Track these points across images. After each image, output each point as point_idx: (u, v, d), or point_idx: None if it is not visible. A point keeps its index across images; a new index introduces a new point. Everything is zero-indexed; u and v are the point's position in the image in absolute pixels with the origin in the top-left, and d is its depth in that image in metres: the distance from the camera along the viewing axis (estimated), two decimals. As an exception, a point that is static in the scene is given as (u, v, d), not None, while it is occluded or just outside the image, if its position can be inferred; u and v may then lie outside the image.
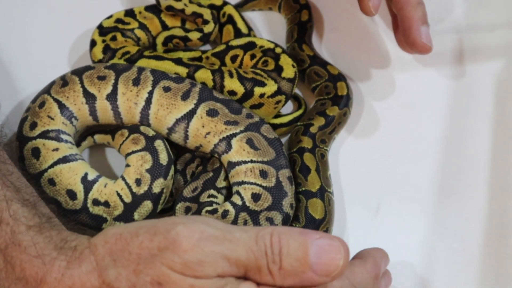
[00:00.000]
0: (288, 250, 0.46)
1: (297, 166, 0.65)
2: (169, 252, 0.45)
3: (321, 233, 0.47)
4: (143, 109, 0.63)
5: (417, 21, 0.65)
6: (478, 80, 0.73)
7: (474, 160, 0.69)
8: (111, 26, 0.70)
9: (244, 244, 0.46)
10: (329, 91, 0.70)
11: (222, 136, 0.63)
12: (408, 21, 0.65)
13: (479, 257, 0.65)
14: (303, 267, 0.46)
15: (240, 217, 0.60)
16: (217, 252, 0.45)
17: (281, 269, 0.46)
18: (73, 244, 0.49)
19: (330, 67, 0.71)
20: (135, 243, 0.47)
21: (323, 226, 0.62)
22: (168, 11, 0.71)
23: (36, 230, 0.50)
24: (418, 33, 0.65)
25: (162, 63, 0.67)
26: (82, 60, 0.71)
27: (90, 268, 0.47)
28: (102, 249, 0.48)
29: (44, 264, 0.48)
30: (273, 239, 0.46)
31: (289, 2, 0.76)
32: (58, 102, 0.63)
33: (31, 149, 0.62)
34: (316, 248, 0.46)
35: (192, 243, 0.45)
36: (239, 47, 0.69)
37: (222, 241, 0.46)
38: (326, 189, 0.64)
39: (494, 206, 0.67)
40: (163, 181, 0.61)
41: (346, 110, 0.69)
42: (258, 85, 0.66)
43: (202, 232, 0.46)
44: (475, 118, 0.71)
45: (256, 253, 0.46)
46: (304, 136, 0.67)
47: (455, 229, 0.66)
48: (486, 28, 0.75)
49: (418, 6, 0.65)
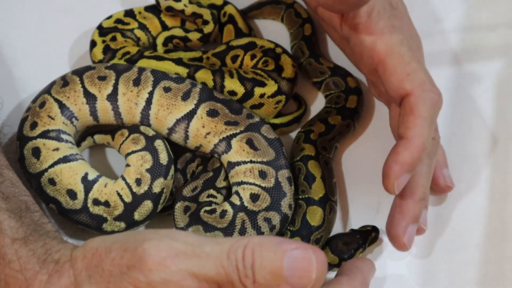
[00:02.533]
0: (262, 263, 0.43)
1: (302, 175, 0.64)
2: (135, 271, 0.45)
3: (297, 243, 0.44)
4: (143, 110, 0.63)
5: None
6: (478, 80, 0.72)
7: (474, 160, 0.69)
8: (111, 26, 0.70)
9: (214, 259, 0.44)
10: (339, 101, 0.69)
11: (222, 136, 0.63)
12: (399, 213, 0.61)
13: (479, 257, 0.65)
14: (277, 280, 0.43)
15: (238, 217, 0.60)
16: (184, 270, 0.44)
17: (255, 282, 0.43)
18: (56, 257, 0.49)
19: (350, 79, 0.70)
20: (108, 259, 0.46)
21: (318, 233, 0.62)
22: (168, 11, 0.71)
23: (21, 243, 0.50)
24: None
25: (163, 63, 0.67)
26: (82, 60, 0.71)
27: (68, 283, 0.48)
28: (81, 263, 0.48)
29: (25, 279, 0.48)
30: (246, 252, 0.44)
31: (291, 16, 0.74)
32: (59, 102, 0.63)
33: (31, 149, 0.62)
34: (290, 260, 0.43)
35: (157, 261, 0.44)
36: (239, 47, 0.69)
37: (190, 257, 0.44)
38: (330, 198, 0.64)
39: (494, 206, 0.67)
40: (163, 180, 0.61)
41: (349, 122, 0.68)
42: (258, 85, 0.66)
43: (170, 248, 0.45)
44: (475, 118, 0.71)
45: (227, 268, 0.44)
46: (306, 144, 0.66)
47: (455, 229, 0.66)
48: (486, 28, 0.75)
49: (419, 202, 0.61)
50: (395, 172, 0.57)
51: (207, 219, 0.60)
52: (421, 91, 0.58)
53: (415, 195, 0.60)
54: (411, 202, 0.60)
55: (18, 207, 0.53)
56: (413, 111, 0.57)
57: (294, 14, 0.74)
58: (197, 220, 0.60)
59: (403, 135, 0.57)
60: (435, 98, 0.58)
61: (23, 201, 0.55)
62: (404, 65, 0.59)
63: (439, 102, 0.59)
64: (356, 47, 0.61)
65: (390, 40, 0.59)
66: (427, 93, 0.58)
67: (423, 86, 0.58)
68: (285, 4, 0.75)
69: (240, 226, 0.59)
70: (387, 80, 0.59)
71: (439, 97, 0.59)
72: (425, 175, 0.61)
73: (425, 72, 0.59)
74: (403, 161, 0.57)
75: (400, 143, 0.58)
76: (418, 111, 0.57)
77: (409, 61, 0.59)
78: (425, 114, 0.57)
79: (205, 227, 0.60)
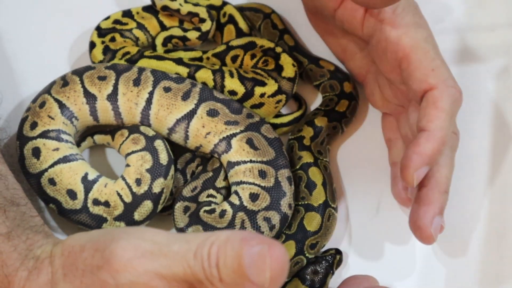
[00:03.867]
0: (225, 261, 0.42)
1: (303, 182, 0.64)
2: (104, 272, 0.44)
3: (258, 239, 0.43)
4: (143, 110, 0.63)
5: (434, 209, 0.59)
6: (478, 80, 0.72)
7: (474, 160, 0.69)
8: (109, 27, 0.70)
9: (181, 259, 0.43)
10: (330, 104, 0.69)
11: (222, 136, 0.63)
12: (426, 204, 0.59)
13: (479, 257, 0.65)
14: (240, 279, 0.42)
15: (237, 217, 0.60)
16: (150, 271, 0.43)
17: (221, 281, 0.43)
18: (38, 253, 0.49)
19: (347, 84, 0.70)
20: (81, 258, 0.46)
21: (314, 238, 0.62)
22: (164, 11, 0.71)
23: (3, 238, 0.50)
24: (430, 222, 0.59)
25: (163, 63, 0.67)
26: (82, 60, 0.71)
27: (46, 280, 0.47)
28: (58, 260, 0.48)
29: (6, 276, 0.48)
30: (211, 250, 0.43)
31: (268, 27, 0.73)
32: (59, 102, 0.63)
33: (31, 149, 0.62)
34: (249, 258, 0.42)
35: (123, 262, 0.44)
36: (239, 47, 0.69)
37: (157, 257, 0.44)
38: (330, 205, 0.63)
39: (494, 206, 0.67)
40: (163, 181, 0.61)
41: (336, 125, 0.68)
42: (258, 84, 0.66)
43: (137, 248, 0.44)
44: (475, 118, 0.71)
45: (193, 267, 0.43)
46: (302, 152, 0.66)
47: (455, 229, 0.66)
48: (486, 28, 0.75)
49: (444, 194, 0.60)
50: (415, 163, 0.57)
51: (206, 219, 0.60)
52: (444, 86, 0.58)
53: (441, 186, 0.59)
54: (437, 192, 0.59)
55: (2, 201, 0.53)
56: (436, 104, 0.58)
57: (271, 26, 0.73)
58: (196, 220, 0.60)
59: (424, 127, 0.57)
60: (457, 94, 0.59)
61: (9, 194, 0.54)
62: (429, 60, 0.59)
63: (460, 99, 0.60)
64: (379, 44, 0.62)
65: (416, 36, 0.60)
66: (450, 89, 0.58)
67: (446, 82, 0.59)
68: (263, 14, 0.73)
69: (240, 225, 0.59)
70: (411, 75, 0.60)
71: (460, 95, 0.60)
72: (448, 167, 0.60)
73: (448, 69, 0.60)
74: (424, 152, 0.57)
75: (421, 134, 0.57)
76: (441, 104, 0.58)
77: (434, 58, 0.60)
78: (448, 108, 0.58)
79: (205, 227, 0.60)
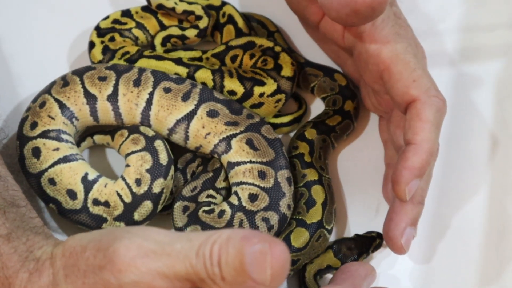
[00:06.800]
0: (227, 260, 0.42)
1: (303, 199, 0.63)
2: (106, 272, 0.44)
3: (259, 237, 0.43)
4: (143, 110, 0.63)
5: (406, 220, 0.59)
6: (478, 80, 0.72)
7: (474, 160, 0.69)
8: (109, 27, 0.70)
9: (184, 257, 0.43)
10: (320, 116, 0.69)
11: (222, 137, 0.63)
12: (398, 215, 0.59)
13: (479, 257, 0.65)
14: (242, 277, 0.42)
15: (236, 217, 0.60)
16: (153, 270, 0.43)
17: (223, 279, 0.42)
18: (38, 254, 0.49)
19: (349, 102, 0.69)
20: (83, 259, 0.46)
21: (296, 255, 0.61)
22: (159, 9, 0.70)
23: (3, 240, 0.50)
24: (401, 233, 0.59)
25: (163, 63, 0.67)
26: (82, 60, 0.71)
27: (47, 282, 0.47)
28: (59, 262, 0.47)
29: (6, 278, 0.48)
30: (213, 248, 0.43)
31: (258, 28, 0.73)
32: (59, 102, 0.63)
33: (31, 149, 0.62)
34: (250, 256, 0.42)
35: (126, 262, 0.44)
36: (238, 47, 0.69)
37: (160, 257, 0.44)
38: (324, 226, 0.62)
39: (494, 206, 0.67)
40: (163, 181, 0.61)
41: (325, 138, 0.67)
42: (257, 84, 0.66)
43: (139, 248, 0.44)
44: (475, 118, 0.71)
45: (195, 266, 0.43)
46: (305, 170, 0.65)
47: (455, 229, 0.66)
48: (486, 28, 0.75)
49: (418, 205, 0.60)
50: (405, 178, 0.57)
51: (205, 219, 0.60)
52: (427, 97, 0.58)
53: (414, 198, 0.59)
54: (410, 204, 0.59)
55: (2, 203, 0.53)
56: (420, 116, 0.57)
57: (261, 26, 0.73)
58: (195, 220, 0.60)
59: (411, 140, 0.57)
60: (440, 103, 0.58)
61: (9, 195, 0.54)
62: (409, 72, 0.59)
63: (444, 108, 0.59)
64: (360, 56, 0.62)
65: (395, 48, 0.59)
66: (433, 98, 0.58)
67: (428, 92, 0.58)
68: (268, 31, 0.73)
69: (238, 226, 0.59)
70: (392, 87, 0.59)
71: (443, 103, 0.59)
72: (424, 179, 0.60)
73: (430, 78, 0.60)
74: (413, 166, 0.57)
75: (408, 148, 0.57)
76: (425, 116, 0.57)
77: (415, 68, 0.59)
78: (432, 119, 0.57)
79: (203, 226, 0.60)
